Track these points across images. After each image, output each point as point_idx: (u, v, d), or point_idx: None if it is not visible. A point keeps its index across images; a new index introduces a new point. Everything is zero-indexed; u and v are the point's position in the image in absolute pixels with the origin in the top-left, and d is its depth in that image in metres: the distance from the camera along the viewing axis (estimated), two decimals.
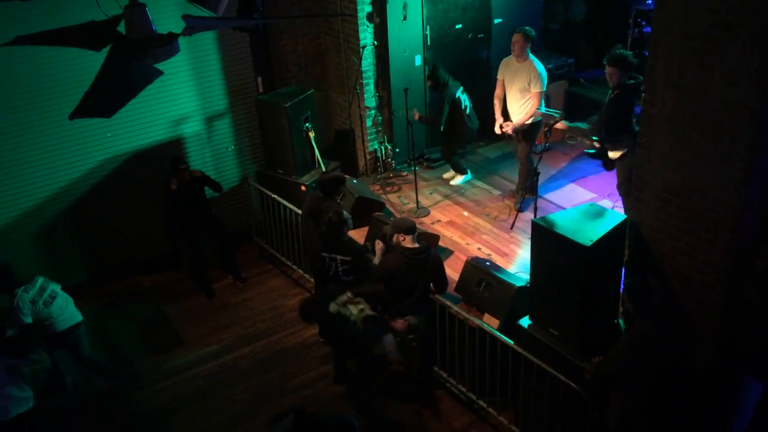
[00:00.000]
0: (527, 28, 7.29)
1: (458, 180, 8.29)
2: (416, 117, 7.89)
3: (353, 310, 5.57)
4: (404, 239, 5.66)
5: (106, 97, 3.34)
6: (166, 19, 4.46)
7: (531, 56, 7.30)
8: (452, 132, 7.96)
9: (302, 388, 6.43)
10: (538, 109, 7.29)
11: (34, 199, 7.37)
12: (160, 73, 3.50)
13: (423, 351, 6.12)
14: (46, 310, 5.96)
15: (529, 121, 7.42)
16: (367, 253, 6.09)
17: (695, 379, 5.02)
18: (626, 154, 6.32)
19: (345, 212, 5.95)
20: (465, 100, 7.79)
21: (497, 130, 7.72)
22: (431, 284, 5.85)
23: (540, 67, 7.28)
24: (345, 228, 5.84)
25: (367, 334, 5.56)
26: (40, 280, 6.02)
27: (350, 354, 6.10)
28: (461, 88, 7.78)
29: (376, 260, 5.95)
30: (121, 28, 3.54)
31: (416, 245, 5.68)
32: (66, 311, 6.14)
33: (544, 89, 7.33)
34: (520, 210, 7.51)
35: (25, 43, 3.59)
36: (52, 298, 6.05)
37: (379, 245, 6.00)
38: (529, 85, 7.27)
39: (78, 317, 6.25)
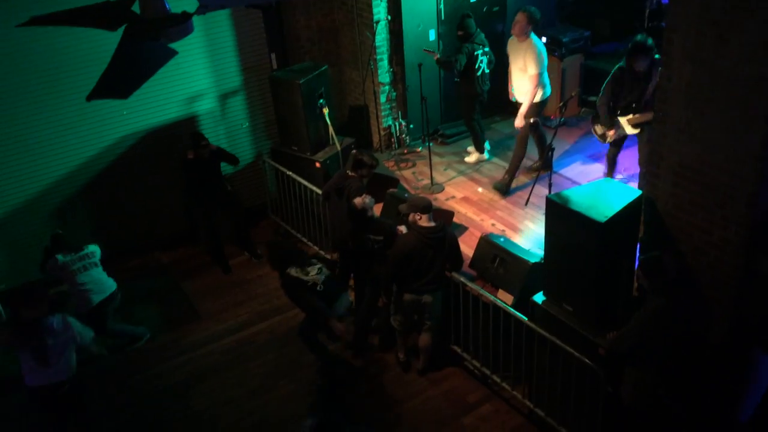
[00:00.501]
0: (533, 9, 7.18)
1: (472, 158, 8.26)
2: (436, 58, 7.85)
3: (311, 271, 5.71)
4: (420, 218, 5.67)
5: (122, 78, 3.36)
6: None
7: (532, 36, 7.20)
8: (462, 88, 7.89)
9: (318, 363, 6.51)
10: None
11: (51, 177, 7.46)
12: (174, 52, 3.51)
13: (438, 328, 6.17)
14: (78, 277, 6.26)
15: (537, 100, 7.38)
16: (395, 228, 6.16)
17: (709, 354, 5.03)
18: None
19: (358, 199, 6.00)
20: (483, 62, 7.68)
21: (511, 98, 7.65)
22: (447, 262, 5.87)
23: (538, 48, 7.16)
24: (368, 211, 5.98)
25: (320, 303, 5.67)
26: (86, 250, 6.36)
27: (316, 325, 6.05)
28: (487, 49, 7.67)
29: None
30: (136, 8, 3.55)
31: (432, 224, 5.69)
32: (99, 283, 6.39)
33: (542, 71, 7.22)
34: (504, 193, 7.51)
35: (41, 24, 3.61)
36: (86, 268, 6.31)
37: (401, 230, 6.05)
38: (525, 65, 7.21)
39: (112, 287, 6.53)
